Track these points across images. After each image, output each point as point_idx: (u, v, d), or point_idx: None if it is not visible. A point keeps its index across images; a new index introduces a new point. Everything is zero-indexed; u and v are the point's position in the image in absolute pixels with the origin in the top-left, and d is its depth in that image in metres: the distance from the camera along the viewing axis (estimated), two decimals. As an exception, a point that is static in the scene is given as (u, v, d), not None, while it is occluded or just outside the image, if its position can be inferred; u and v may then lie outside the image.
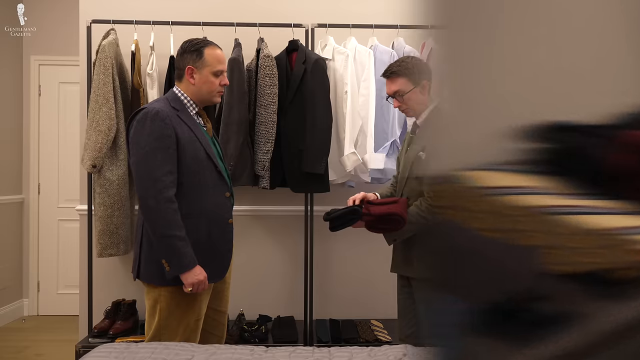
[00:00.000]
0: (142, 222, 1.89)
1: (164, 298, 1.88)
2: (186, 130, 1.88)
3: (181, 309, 1.89)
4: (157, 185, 1.78)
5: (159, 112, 1.83)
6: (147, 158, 1.80)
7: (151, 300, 1.91)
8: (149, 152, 1.80)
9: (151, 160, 1.79)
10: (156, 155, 1.80)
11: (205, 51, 1.92)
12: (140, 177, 1.82)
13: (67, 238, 4.32)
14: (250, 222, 3.16)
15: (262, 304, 3.16)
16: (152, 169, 1.79)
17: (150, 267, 1.87)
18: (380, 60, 2.86)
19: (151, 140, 1.80)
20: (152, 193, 1.78)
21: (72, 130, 4.30)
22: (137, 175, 1.84)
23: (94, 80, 2.74)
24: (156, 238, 1.82)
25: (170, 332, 1.89)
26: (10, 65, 4.22)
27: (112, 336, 2.77)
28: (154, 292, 1.90)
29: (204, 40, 1.97)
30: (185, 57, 1.93)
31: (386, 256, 3.04)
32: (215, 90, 1.97)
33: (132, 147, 1.85)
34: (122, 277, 3.13)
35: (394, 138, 2.79)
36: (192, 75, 1.92)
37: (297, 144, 2.77)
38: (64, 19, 4.27)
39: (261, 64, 2.74)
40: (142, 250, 1.89)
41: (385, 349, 1.75)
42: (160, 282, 1.86)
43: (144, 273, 1.89)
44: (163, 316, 1.88)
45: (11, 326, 4.09)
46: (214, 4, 3.13)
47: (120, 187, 2.80)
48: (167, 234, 1.79)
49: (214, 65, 1.93)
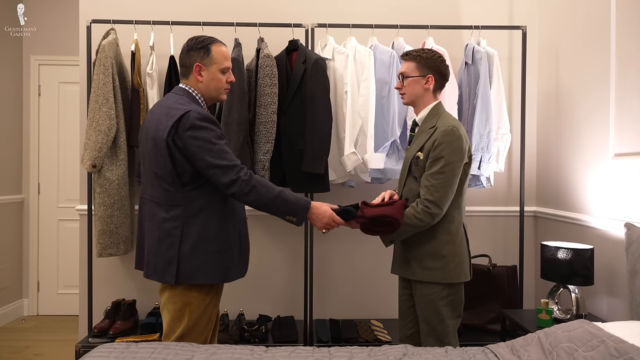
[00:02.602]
0: (181, 223, 1.86)
1: (195, 300, 1.88)
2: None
3: (208, 311, 1.92)
4: (245, 171, 1.86)
5: (208, 116, 1.86)
6: (223, 153, 1.84)
7: (179, 303, 1.89)
8: (222, 148, 1.84)
9: (227, 154, 1.85)
10: (228, 150, 1.86)
11: (212, 48, 1.92)
12: (227, 173, 1.83)
13: (67, 238, 4.33)
14: (251, 223, 3.14)
15: (262, 304, 3.16)
16: (233, 161, 1.85)
17: (194, 265, 1.86)
18: (380, 60, 2.86)
19: (217, 139, 1.84)
20: (245, 174, 1.85)
21: (72, 130, 4.31)
22: (217, 173, 1.83)
23: (94, 80, 2.74)
24: (267, 207, 1.90)
25: (197, 333, 1.91)
26: (10, 65, 4.22)
27: (112, 336, 2.77)
28: (181, 295, 1.88)
29: (210, 37, 1.96)
30: (192, 55, 1.92)
31: (386, 256, 3.04)
32: (223, 88, 1.98)
33: (195, 149, 1.82)
34: (122, 277, 3.13)
35: (394, 138, 2.79)
36: (200, 73, 1.92)
37: (297, 143, 2.76)
38: (64, 19, 4.28)
39: (261, 64, 2.74)
40: (181, 252, 1.85)
41: (385, 349, 1.75)
42: (207, 279, 1.87)
43: (187, 273, 1.86)
44: (193, 318, 1.89)
45: (11, 326, 4.09)
46: (214, 3, 3.13)
47: (120, 187, 2.80)
48: (273, 196, 1.88)
49: (221, 63, 1.93)
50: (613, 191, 2.41)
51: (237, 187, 1.83)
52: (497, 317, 2.83)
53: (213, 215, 1.88)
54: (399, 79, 2.09)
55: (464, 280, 2.02)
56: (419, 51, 2.06)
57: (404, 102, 2.10)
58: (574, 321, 1.70)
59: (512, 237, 3.20)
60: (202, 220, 1.86)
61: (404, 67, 2.07)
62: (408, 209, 1.98)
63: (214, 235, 1.88)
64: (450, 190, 1.94)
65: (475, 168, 2.83)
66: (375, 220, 1.96)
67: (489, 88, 2.84)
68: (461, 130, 1.97)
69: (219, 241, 1.88)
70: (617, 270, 2.36)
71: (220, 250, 1.89)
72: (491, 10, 3.21)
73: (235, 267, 1.95)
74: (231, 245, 1.92)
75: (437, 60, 2.04)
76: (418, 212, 1.94)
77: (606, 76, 2.46)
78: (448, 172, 1.93)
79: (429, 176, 1.95)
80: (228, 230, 1.91)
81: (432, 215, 1.94)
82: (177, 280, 1.85)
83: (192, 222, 1.86)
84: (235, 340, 2.74)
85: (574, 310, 2.36)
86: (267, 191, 1.87)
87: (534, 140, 3.24)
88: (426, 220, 1.95)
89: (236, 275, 1.97)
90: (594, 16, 2.59)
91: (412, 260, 2.04)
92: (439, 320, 2.00)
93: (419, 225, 1.96)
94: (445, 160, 1.93)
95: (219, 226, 1.89)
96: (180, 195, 1.86)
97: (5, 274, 4.14)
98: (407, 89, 2.06)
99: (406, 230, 1.98)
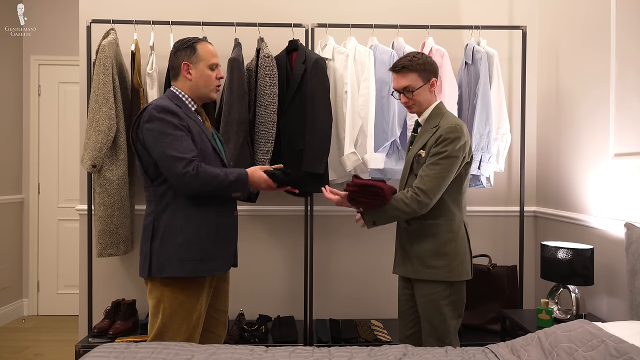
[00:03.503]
0: (152, 218, 1.91)
1: (167, 297, 1.89)
2: (193, 125, 1.92)
3: (184, 308, 1.90)
4: (191, 163, 1.83)
5: (169, 107, 1.87)
6: (175, 145, 1.82)
7: (154, 299, 1.92)
8: (174, 140, 1.83)
9: (179, 146, 1.83)
10: (182, 142, 1.84)
11: (198, 46, 1.97)
12: (175, 166, 1.82)
13: (67, 238, 4.33)
14: (250, 222, 3.16)
15: (262, 304, 3.16)
16: (183, 153, 1.82)
17: (164, 259, 1.88)
18: (380, 60, 2.86)
19: (171, 130, 1.83)
20: (192, 168, 1.82)
21: (72, 130, 4.31)
22: (166, 164, 1.83)
23: (93, 80, 2.74)
24: (214, 191, 1.91)
25: (173, 331, 1.90)
26: (10, 65, 4.22)
27: (112, 336, 2.77)
28: (157, 291, 1.91)
29: (196, 37, 2.02)
30: (179, 55, 1.97)
31: (386, 256, 3.04)
32: (213, 84, 2.00)
33: (151, 141, 1.84)
34: (122, 277, 3.13)
35: (394, 138, 2.79)
36: (188, 71, 1.96)
37: (297, 143, 2.76)
38: (64, 19, 4.28)
39: (261, 64, 2.74)
40: (153, 245, 1.89)
41: (385, 349, 1.75)
42: (175, 272, 1.87)
43: (157, 266, 1.88)
44: (166, 315, 1.89)
45: (11, 326, 4.09)
46: (214, 3, 3.13)
47: (120, 187, 2.80)
48: (218, 182, 1.87)
49: (208, 59, 1.98)
50: (613, 191, 2.41)
51: (182, 180, 1.83)
52: (497, 317, 2.83)
53: (178, 208, 1.90)
54: (402, 94, 2.06)
55: (466, 278, 2.03)
56: (413, 60, 2.03)
57: (413, 111, 2.10)
58: (574, 321, 1.70)
59: (512, 237, 3.20)
60: (168, 214, 1.90)
61: (407, 80, 2.03)
62: (397, 194, 1.99)
63: (179, 228, 1.89)
64: (443, 183, 1.94)
65: (475, 168, 2.83)
66: (363, 189, 1.97)
67: (489, 88, 2.84)
68: (464, 128, 1.98)
69: (185, 234, 1.88)
70: (617, 270, 2.36)
71: (186, 242, 1.88)
72: (491, 10, 3.21)
73: (208, 260, 1.92)
74: (200, 238, 1.90)
75: (430, 60, 2.06)
76: (407, 197, 1.95)
77: (606, 76, 2.46)
78: (445, 165, 1.93)
79: (425, 167, 1.96)
80: (195, 223, 1.90)
81: (420, 203, 1.93)
82: (149, 274, 1.90)
83: (161, 216, 1.90)
84: (235, 340, 2.74)
85: (574, 310, 2.36)
86: (214, 178, 1.86)
87: (534, 140, 3.23)
88: (413, 207, 1.94)
89: (213, 269, 1.94)
90: (593, 16, 2.59)
91: (414, 259, 2.04)
92: (441, 319, 2.00)
93: (406, 211, 1.95)
94: (445, 154, 1.93)
95: (185, 219, 1.89)
96: (152, 190, 1.93)
97: (5, 274, 4.14)
98: (417, 99, 2.05)
99: (392, 214, 1.97)
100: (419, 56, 2.05)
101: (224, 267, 2.00)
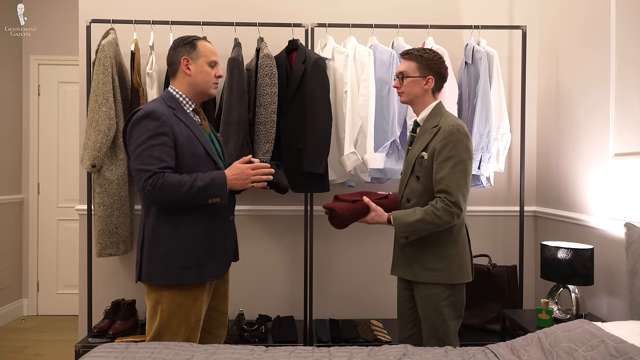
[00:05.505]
0: (143, 223, 1.91)
1: (166, 299, 1.88)
2: (184, 129, 1.89)
3: (182, 310, 1.89)
4: (153, 177, 1.78)
5: (154, 111, 1.83)
6: (143, 156, 1.80)
7: (152, 301, 1.91)
8: (144, 150, 1.80)
9: (147, 157, 1.80)
10: (152, 152, 1.80)
11: (197, 43, 1.97)
12: (139, 178, 1.81)
13: (67, 238, 4.33)
14: (250, 222, 3.16)
15: (262, 304, 3.16)
16: (148, 165, 1.79)
17: (152, 266, 1.87)
18: (380, 60, 2.86)
19: (145, 139, 1.81)
20: (150, 183, 1.78)
21: (71, 130, 4.31)
22: (135, 177, 1.84)
23: (93, 79, 2.74)
24: (183, 202, 1.82)
25: (172, 332, 1.89)
26: (10, 65, 4.22)
27: (112, 336, 2.77)
28: (155, 293, 1.90)
29: (195, 35, 2.02)
30: (178, 51, 1.96)
31: (386, 256, 3.04)
32: (211, 81, 1.99)
33: (129, 148, 1.86)
34: (122, 277, 3.12)
35: (394, 138, 2.79)
36: (187, 67, 1.95)
37: (297, 143, 2.76)
38: (63, 19, 4.28)
39: (261, 64, 2.74)
40: (143, 251, 1.89)
41: (385, 349, 1.74)
42: (162, 280, 1.86)
43: (146, 273, 1.88)
44: (164, 316, 1.89)
45: (11, 326, 4.08)
46: (214, 3, 3.13)
47: (120, 187, 2.80)
48: (184, 191, 1.79)
49: (208, 56, 1.97)
50: (613, 191, 2.40)
51: (144, 193, 1.81)
52: (497, 317, 2.83)
53: (165, 215, 1.87)
54: (397, 78, 2.08)
55: (467, 280, 2.01)
56: (420, 51, 2.04)
57: (402, 100, 2.10)
58: (573, 321, 1.70)
59: (512, 237, 3.20)
60: (156, 221, 1.88)
61: (404, 66, 2.06)
62: (427, 207, 1.94)
63: (166, 235, 1.86)
64: (466, 189, 1.95)
65: (475, 168, 2.83)
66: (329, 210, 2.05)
67: (488, 88, 2.84)
68: (465, 128, 1.97)
69: (172, 241, 1.86)
70: (617, 270, 2.36)
71: (172, 250, 1.86)
72: (491, 10, 3.21)
73: (196, 267, 1.88)
74: (188, 244, 1.87)
75: (438, 62, 2.04)
76: (438, 209, 1.91)
77: (606, 76, 2.46)
78: (462, 170, 1.93)
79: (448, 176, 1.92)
80: (182, 230, 1.87)
81: (452, 215, 1.91)
82: (138, 279, 1.91)
83: (147, 222, 1.89)
84: (235, 340, 2.74)
85: (574, 310, 2.36)
86: (177, 189, 1.78)
87: (534, 140, 3.23)
88: (445, 219, 1.91)
89: (201, 276, 1.89)
90: (593, 16, 2.59)
91: (414, 262, 2.03)
92: (441, 321, 1.99)
93: (438, 224, 1.92)
94: (456, 159, 1.92)
95: (170, 226, 1.87)
96: (142, 195, 1.89)
97: (5, 274, 4.14)
98: (406, 89, 2.05)
99: (426, 227, 1.94)
100: (429, 51, 2.05)
101: (216, 273, 1.96)
